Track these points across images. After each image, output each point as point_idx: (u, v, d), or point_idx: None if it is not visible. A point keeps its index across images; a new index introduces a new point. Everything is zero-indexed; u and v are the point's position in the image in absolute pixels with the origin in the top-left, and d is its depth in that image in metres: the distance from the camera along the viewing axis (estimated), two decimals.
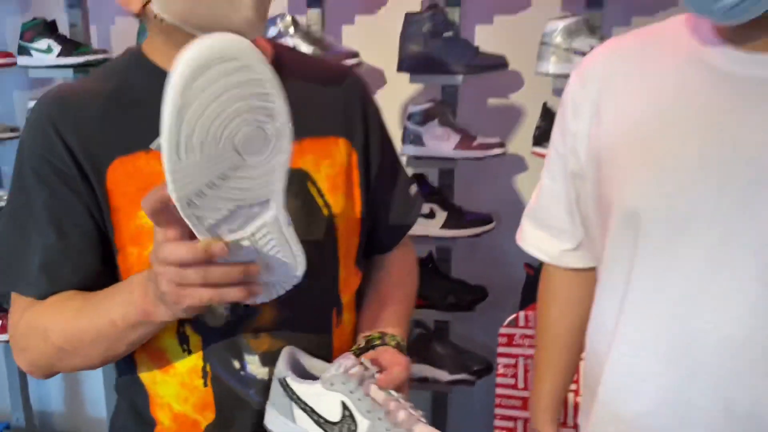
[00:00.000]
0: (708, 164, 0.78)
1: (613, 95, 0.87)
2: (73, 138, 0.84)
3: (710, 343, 0.80)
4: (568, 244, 1.02)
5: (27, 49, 1.99)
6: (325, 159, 0.93)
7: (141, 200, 0.74)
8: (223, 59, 0.61)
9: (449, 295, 1.94)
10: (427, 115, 1.80)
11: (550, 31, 1.69)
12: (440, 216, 1.87)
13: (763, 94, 0.77)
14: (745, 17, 0.74)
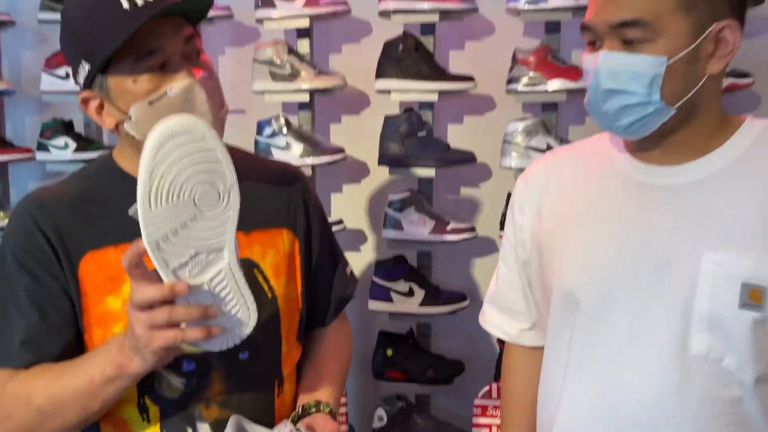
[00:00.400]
0: (624, 253, 0.95)
1: (550, 197, 1.06)
2: (51, 233, 0.99)
3: (632, 401, 0.93)
4: (525, 324, 1.15)
5: (46, 145, 2.20)
6: (271, 248, 1.09)
7: (108, 288, 0.91)
8: (183, 133, 0.82)
9: (429, 369, 2.06)
10: (405, 203, 2.00)
11: (511, 130, 1.93)
12: (419, 294, 2.03)
13: (659, 197, 0.95)
14: (640, 134, 0.94)
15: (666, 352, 0.91)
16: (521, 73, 1.91)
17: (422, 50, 1.96)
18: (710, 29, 0.88)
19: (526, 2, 1.88)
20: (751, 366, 0.89)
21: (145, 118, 0.96)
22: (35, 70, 2.37)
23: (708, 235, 0.90)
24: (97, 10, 0.94)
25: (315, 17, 2.02)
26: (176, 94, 0.95)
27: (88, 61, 0.96)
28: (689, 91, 0.90)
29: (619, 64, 0.89)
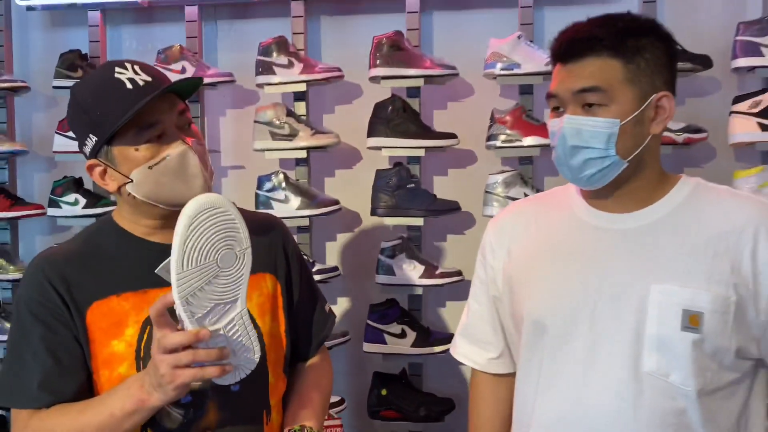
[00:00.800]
0: (585, 286, 1.11)
1: (518, 240, 1.23)
2: (61, 287, 1.12)
3: (596, 413, 1.08)
4: (493, 353, 1.28)
5: (57, 202, 2.34)
6: (255, 291, 1.23)
7: (112, 333, 1.06)
8: (211, 208, 0.99)
9: (421, 408, 2.17)
10: (397, 250, 2.15)
11: (492, 182, 2.11)
12: (410, 336, 2.16)
13: (613, 239, 1.12)
14: (599, 184, 1.12)
15: (622, 369, 1.07)
16: (499, 130, 2.11)
17: (409, 111, 2.16)
18: (651, 99, 1.08)
19: (501, 68, 2.09)
20: (692, 381, 1.05)
21: (145, 180, 1.12)
22: (45, 132, 2.53)
23: (654, 270, 1.07)
24: (105, 90, 1.10)
25: (311, 82, 2.22)
26: (173, 159, 1.11)
27: (95, 135, 1.11)
28: (638, 148, 1.09)
29: (581, 125, 1.08)
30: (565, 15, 2.22)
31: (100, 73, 1.14)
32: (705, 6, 2.23)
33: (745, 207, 1.09)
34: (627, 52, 1.07)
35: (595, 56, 1.07)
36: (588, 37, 1.08)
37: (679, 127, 2.05)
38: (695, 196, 1.12)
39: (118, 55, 2.51)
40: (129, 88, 1.09)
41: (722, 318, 1.04)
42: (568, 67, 1.10)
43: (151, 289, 1.14)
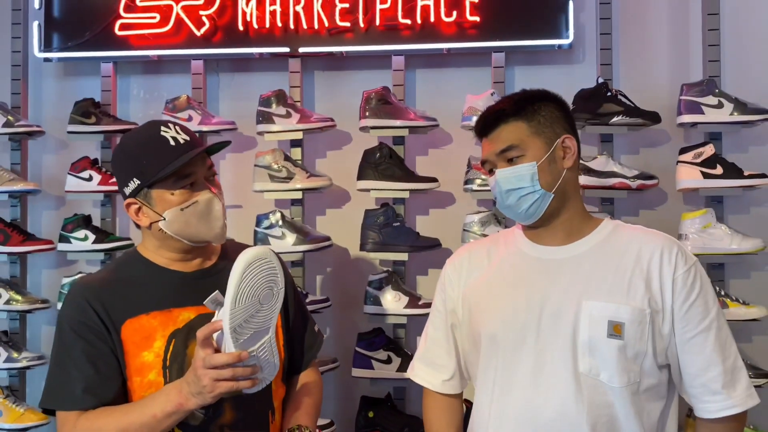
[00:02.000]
0: (529, 306, 1.35)
1: (474, 272, 1.47)
2: (99, 308, 1.34)
3: (544, 416, 1.31)
4: (446, 375, 1.49)
5: (67, 237, 2.51)
6: None
7: (143, 346, 1.32)
8: (261, 258, 1.23)
9: (405, 429, 2.35)
10: (383, 283, 2.36)
11: (469, 221, 2.35)
12: (395, 362, 2.36)
13: (551, 267, 1.37)
14: (535, 217, 1.38)
15: (564, 371, 1.31)
16: (475, 176, 2.36)
17: (395, 157, 2.40)
18: (557, 142, 1.38)
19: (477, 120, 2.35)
20: (617, 379, 1.29)
21: (176, 219, 1.35)
22: (55, 173, 2.72)
23: (585, 290, 1.33)
24: (151, 145, 1.35)
25: (307, 130, 2.45)
26: (201, 204, 1.35)
27: (138, 179, 1.35)
28: (557, 180, 1.37)
29: (509, 173, 1.36)
30: (533, 73, 2.55)
31: (148, 130, 1.39)
32: (654, 69, 2.53)
33: (653, 239, 1.37)
34: (526, 114, 1.37)
35: (504, 124, 1.38)
36: (497, 111, 1.39)
37: (633, 174, 2.32)
38: (615, 233, 1.40)
39: (127, 103, 2.73)
40: (172, 145, 1.35)
41: (639, 327, 1.30)
42: (489, 138, 1.40)
43: (175, 308, 1.38)
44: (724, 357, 1.31)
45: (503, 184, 1.37)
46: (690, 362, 1.31)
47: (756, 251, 2.25)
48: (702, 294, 1.32)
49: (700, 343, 1.31)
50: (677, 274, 1.31)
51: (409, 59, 2.56)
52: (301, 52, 2.54)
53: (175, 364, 1.35)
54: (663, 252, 1.33)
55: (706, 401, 1.31)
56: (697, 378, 1.31)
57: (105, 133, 2.56)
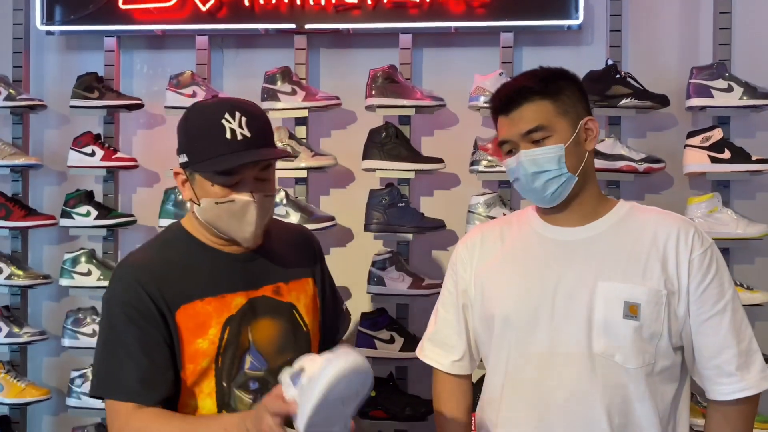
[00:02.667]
0: (545, 287, 1.34)
1: (487, 254, 1.45)
2: (153, 292, 1.28)
3: (557, 396, 1.31)
4: (456, 356, 1.47)
5: (69, 213, 2.50)
6: (302, 293, 1.44)
7: (198, 333, 1.26)
8: (356, 373, 1.05)
9: (407, 408, 2.36)
10: (387, 263, 2.35)
11: (474, 203, 2.34)
12: (398, 342, 2.36)
13: (566, 248, 1.36)
14: (559, 200, 1.35)
15: (578, 352, 1.31)
16: (481, 157, 2.34)
17: (401, 137, 2.38)
18: (580, 124, 1.35)
19: (484, 101, 2.33)
20: (633, 360, 1.29)
21: (209, 210, 1.30)
22: (57, 148, 2.70)
23: (600, 271, 1.32)
24: (208, 129, 1.26)
25: (312, 109, 2.43)
26: (236, 205, 1.28)
27: (187, 157, 1.29)
28: (581, 163, 1.35)
29: (536, 155, 1.32)
30: (541, 54, 2.52)
31: (212, 112, 1.28)
32: (664, 52, 2.51)
33: (669, 220, 1.36)
34: (551, 92, 1.33)
35: (529, 102, 1.32)
36: (520, 89, 1.34)
37: (640, 157, 2.31)
38: (631, 214, 1.38)
39: (131, 78, 2.70)
40: (227, 138, 1.25)
41: (656, 308, 1.29)
42: (511, 116, 1.34)
43: (228, 294, 1.34)
44: (739, 339, 1.30)
45: (529, 166, 1.33)
46: (704, 344, 1.31)
47: (761, 236, 2.25)
48: (718, 276, 1.31)
49: (715, 324, 1.30)
50: (693, 255, 1.31)
51: (416, 38, 2.53)
52: (307, 29, 2.51)
53: (228, 351, 1.32)
54: (680, 233, 1.32)
55: (720, 383, 1.31)
56: (711, 360, 1.31)
57: (108, 108, 2.53)
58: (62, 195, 2.55)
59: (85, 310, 2.48)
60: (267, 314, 1.37)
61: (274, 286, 1.40)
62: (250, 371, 1.34)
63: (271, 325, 1.37)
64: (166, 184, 2.54)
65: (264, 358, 1.35)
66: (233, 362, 1.32)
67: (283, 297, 1.40)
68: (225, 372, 1.32)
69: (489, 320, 1.41)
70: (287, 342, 1.38)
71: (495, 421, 1.39)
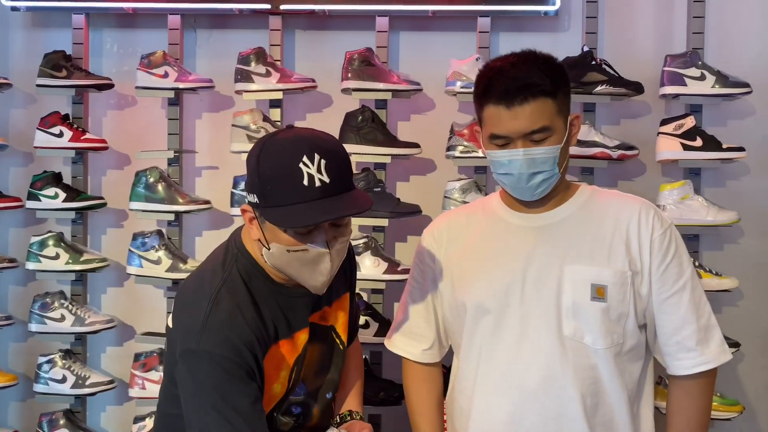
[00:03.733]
0: (514, 273, 1.35)
1: (455, 242, 1.44)
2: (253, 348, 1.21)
3: (529, 380, 1.32)
4: (425, 345, 1.48)
5: (36, 195, 2.43)
6: (341, 311, 1.41)
7: (273, 377, 1.23)
8: None
9: (381, 393, 2.36)
10: (363, 248, 2.34)
11: (450, 188, 2.33)
12: (373, 327, 2.35)
13: (532, 234, 1.36)
14: (540, 197, 1.35)
15: (548, 336, 1.32)
16: (457, 142, 2.34)
17: (377, 121, 2.36)
18: (569, 121, 1.34)
19: (461, 86, 2.32)
20: (601, 341, 1.31)
21: (279, 257, 1.20)
22: (23, 128, 2.62)
23: (566, 255, 1.33)
24: (284, 173, 1.14)
25: (286, 90, 2.40)
26: (310, 254, 1.19)
27: (258, 199, 1.17)
28: (566, 160, 1.35)
29: (537, 155, 1.30)
30: (518, 40, 2.51)
31: (290, 153, 1.16)
32: (639, 39, 2.52)
33: (630, 203, 1.38)
34: (553, 90, 1.29)
35: (534, 99, 1.27)
36: (528, 84, 1.26)
37: (614, 144, 2.32)
38: (593, 198, 1.40)
39: (100, 57, 2.62)
40: (305, 185, 1.14)
41: (621, 289, 1.31)
42: (513, 110, 1.27)
43: (297, 332, 1.30)
44: (698, 315, 1.34)
45: (528, 166, 1.29)
46: (665, 321, 1.34)
47: (730, 223, 2.29)
48: (677, 255, 1.34)
49: (675, 302, 1.33)
50: (654, 236, 1.33)
51: (393, 21, 2.50)
52: (282, 9, 2.47)
53: (292, 391, 1.32)
54: (641, 215, 1.35)
55: (680, 358, 1.34)
56: (672, 336, 1.34)
57: (76, 88, 2.46)
58: (29, 176, 2.49)
59: (52, 295, 2.42)
60: (312, 342, 1.33)
61: (321, 311, 1.35)
62: (293, 397, 1.33)
63: (313, 351, 1.34)
64: (136, 166, 2.49)
65: (304, 383, 1.34)
66: (285, 396, 1.31)
67: (326, 321, 1.38)
68: (277, 404, 1.32)
69: (460, 308, 1.41)
70: (325, 365, 1.37)
71: (468, 408, 1.40)
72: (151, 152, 2.47)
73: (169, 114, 2.53)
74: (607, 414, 1.33)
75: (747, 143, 2.32)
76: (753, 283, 2.44)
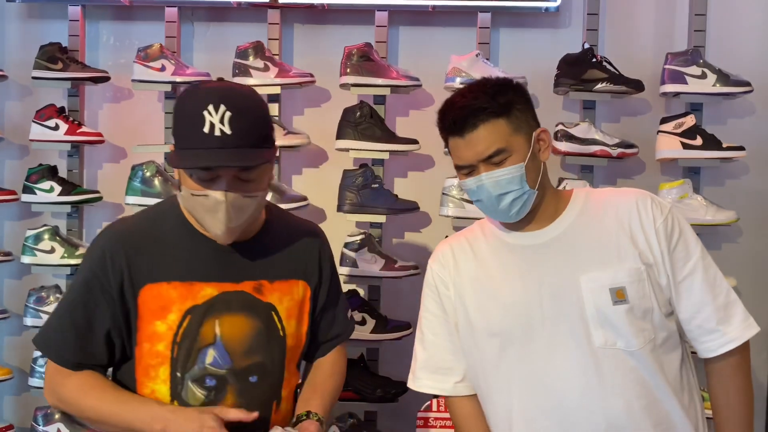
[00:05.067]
0: (529, 295, 1.32)
1: (461, 269, 1.40)
2: (121, 266, 1.28)
3: (569, 393, 1.28)
4: (457, 377, 1.41)
5: (32, 188, 2.41)
6: (287, 295, 1.38)
7: (158, 315, 1.25)
8: None
9: (377, 389, 2.35)
10: (359, 244, 2.33)
11: (448, 185, 2.32)
12: (369, 323, 2.35)
13: (536, 251, 1.34)
14: (521, 215, 1.33)
15: (578, 349, 1.30)
16: None
17: (376, 117, 2.35)
18: (533, 136, 1.33)
19: (460, 82, 2.30)
20: (634, 341, 1.29)
21: (187, 199, 1.27)
22: (18, 120, 2.60)
23: (578, 265, 1.32)
24: (189, 118, 1.21)
25: (285, 85, 2.38)
26: (208, 201, 1.23)
27: (174, 138, 1.25)
28: (539, 175, 1.33)
29: (499, 177, 1.29)
30: (519, 36, 2.50)
31: (200, 100, 1.21)
32: (640, 36, 2.51)
33: (625, 197, 1.37)
34: (504, 110, 1.29)
35: (484, 123, 1.28)
36: (474, 110, 1.28)
37: (614, 142, 2.31)
38: (589, 203, 1.38)
39: (96, 50, 2.60)
40: (204, 132, 1.19)
41: (640, 285, 1.30)
42: (467, 138, 1.29)
43: (198, 282, 1.30)
44: (715, 295, 1.32)
45: (493, 189, 1.29)
46: (683, 306, 1.33)
47: (729, 223, 2.28)
48: (682, 238, 1.33)
49: (688, 286, 1.32)
50: (657, 224, 1.32)
51: (393, 15, 2.48)
52: (281, 3, 2.45)
53: (186, 340, 1.29)
54: (639, 206, 1.34)
55: (705, 341, 1.33)
56: (692, 321, 1.33)
57: (72, 80, 2.43)
58: (24, 169, 2.46)
59: (48, 289, 2.41)
60: (242, 311, 1.32)
61: (257, 283, 1.34)
62: (211, 366, 1.30)
63: (243, 323, 1.32)
64: (133, 160, 2.47)
65: (230, 356, 1.31)
66: (189, 353, 1.29)
67: (263, 296, 1.35)
68: (180, 362, 1.29)
69: (479, 338, 1.37)
70: (258, 344, 1.33)
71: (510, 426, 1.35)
72: (148, 146, 2.45)
73: (166, 107, 2.51)
74: (661, 412, 1.29)
75: (747, 142, 2.31)
76: (751, 283, 2.43)
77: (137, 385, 1.32)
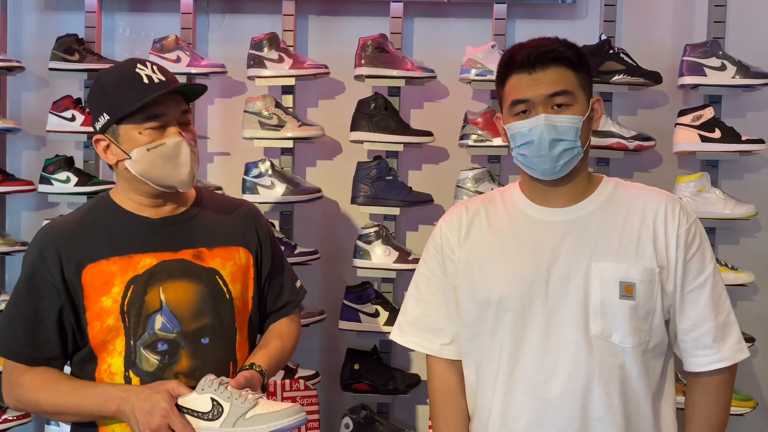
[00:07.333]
0: (538, 270, 1.31)
1: (472, 233, 1.39)
2: (58, 255, 1.34)
3: (555, 380, 1.29)
4: (445, 339, 1.40)
5: (48, 179, 2.43)
6: (229, 261, 1.45)
7: (102, 291, 1.33)
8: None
9: (390, 381, 2.36)
10: (373, 237, 2.32)
11: (462, 177, 2.31)
12: (383, 315, 2.35)
13: (556, 229, 1.33)
14: (565, 171, 1.31)
15: (574, 334, 1.30)
16: (471, 131, 2.31)
17: (390, 108, 2.34)
18: (591, 101, 1.34)
19: (475, 73, 2.29)
20: (629, 339, 1.29)
21: (142, 160, 1.33)
22: (35, 112, 2.62)
23: (593, 252, 1.31)
24: (125, 80, 1.34)
25: (299, 77, 2.37)
26: (168, 146, 1.33)
27: (108, 114, 1.33)
28: (588, 140, 1.34)
29: (558, 122, 1.29)
30: (535, 27, 2.47)
31: (124, 66, 1.38)
32: (658, 28, 2.48)
33: (655, 196, 1.36)
34: (576, 63, 1.31)
35: (557, 66, 1.29)
36: (551, 50, 1.30)
37: (630, 135, 2.29)
38: (617, 192, 1.37)
39: (113, 41, 2.61)
40: (145, 82, 1.33)
41: (650, 286, 1.29)
42: (535, 75, 1.28)
43: (136, 254, 1.36)
44: (717, 312, 1.32)
45: (549, 132, 1.27)
46: (684, 317, 1.32)
47: (748, 217, 2.25)
48: (700, 250, 1.32)
49: (695, 298, 1.32)
50: (680, 230, 1.31)
51: (408, 6, 2.47)
52: None
53: (132, 309, 1.34)
54: (667, 209, 1.33)
55: (697, 355, 1.33)
56: (689, 333, 1.32)
57: (89, 72, 2.44)
58: (41, 160, 2.48)
59: None
60: (184, 277, 1.38)
61: (195, 250, 1.41)
62: (161, 332, 1.35)
63: (187, 288, 1.38)
64: None
65: (178, 320, 1.36)
66: (138, 321, 1.34)
67: (204, 262, 1.41)
68: (131, 330, 1.35)
69: (479, 305, 1.37)
70: (205, 306, 1.39)
71: (489, 406, 1.36)
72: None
73: None
74: (633, 412, 1.30)
75: (766, 135, 2.27)
76: None
77: (98, 362, 1.36)
